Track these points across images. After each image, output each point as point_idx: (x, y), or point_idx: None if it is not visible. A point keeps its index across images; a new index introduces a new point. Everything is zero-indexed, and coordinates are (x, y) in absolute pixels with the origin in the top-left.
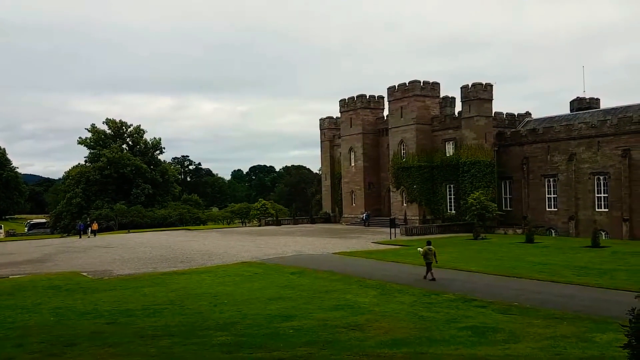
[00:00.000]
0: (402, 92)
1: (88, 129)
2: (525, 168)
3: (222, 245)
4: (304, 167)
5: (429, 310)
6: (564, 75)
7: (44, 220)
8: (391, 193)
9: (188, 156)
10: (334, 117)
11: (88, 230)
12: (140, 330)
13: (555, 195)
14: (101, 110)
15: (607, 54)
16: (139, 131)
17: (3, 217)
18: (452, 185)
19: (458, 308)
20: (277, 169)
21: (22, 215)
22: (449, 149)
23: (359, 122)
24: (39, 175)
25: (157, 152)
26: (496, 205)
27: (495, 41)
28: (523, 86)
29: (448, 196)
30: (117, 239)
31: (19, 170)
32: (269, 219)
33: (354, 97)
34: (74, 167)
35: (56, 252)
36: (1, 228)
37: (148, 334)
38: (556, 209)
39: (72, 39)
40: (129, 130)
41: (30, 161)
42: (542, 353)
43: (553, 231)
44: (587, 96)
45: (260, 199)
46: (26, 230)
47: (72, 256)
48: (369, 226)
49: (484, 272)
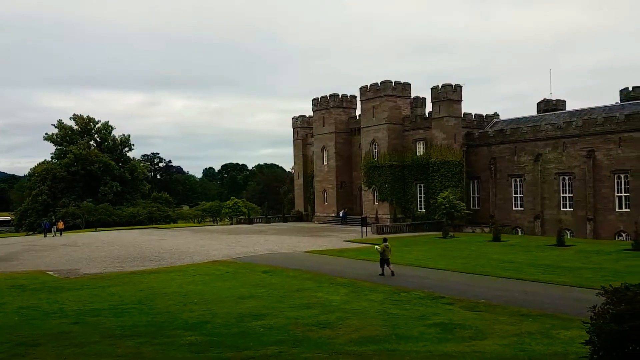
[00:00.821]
0: (374, 92)
1: (55, 125)
2: (493, 168)
3: (193, 244)
4: (277, 166)
5: (399, 307)
6: (532, 77)
7: (8, 218)
8: (363, 192)
9: (158, 153)
10: (307, 115)
11: (54, 228)
12: (107, 330)
13: (522, 195)
14: (70, 106)
15: (573, 57)
16: (107, 127)
17: None
18: (422, 185)
19: (427, 305)
20: (250, 168)
21: None
22: (420, 149)
23: (331, 122)
24: (3, 172)
25: (126, 149)
26: (465, 204)
27: (465, 43)
28: (492, 88)
29: (418, 195)
30: (84, 238)
31: None
32: (240, 217)
33: (326, 96)
34: (40, 164)
35: (21, 250)
36: None
37: (115, 334)
38: (522, 208)
39: (39, 34)
40: (97, 126)
41: None
42: (508, 349)
43: (519, 230)
44: (554, 98)
45: (232, 198)
46: None
47: (38, 255)
48: (346, 224)
49: (452, 270)
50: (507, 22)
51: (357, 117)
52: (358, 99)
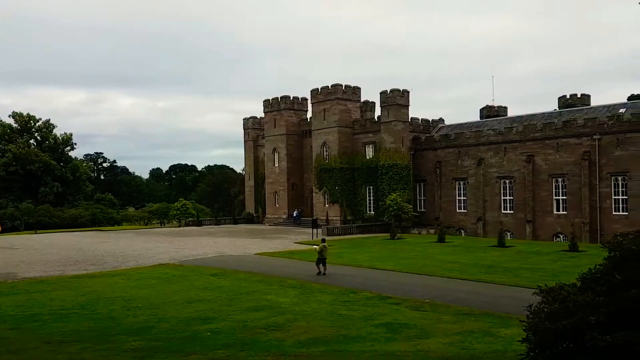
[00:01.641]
0: (324, 95)
1: None
2: (438, 171)
3: (138, 246)
4: (227, 167)
5: (347, 308)
6: (476, 84)
7: None
8: (314, 194)
9: (102, 153)
10: (258, 117)
11: None
12: (47, 336)
13: (465, 198)
14: (8, 103)
15: (514, 65)
16: (48, 126)
17: None
18: (371, 187)
19: (374, 306)
20: (199, 168)
21: None
22: (369, 152)
23: (282, 123)
24: None
25: (68, 148)
26: (412, 206)
27: (413, 49)
28: (438, 93)
29: (368, 197)
30: (22, 240)
31: None
32: (189, 219)
33: (277, 98)
34: None
35: None
36: None
37: (55, 339)
38: (466, 211)
39: None
40: (37, 124)
41: None
42: (451, 348)
43: (463, 231)
44: (496, 104)
45: (180, 199)
46: None
47: None
48: (300, 224)
49: (400, 270)
50: (452, 30)
51: (309, 120)
52: (309, 101)
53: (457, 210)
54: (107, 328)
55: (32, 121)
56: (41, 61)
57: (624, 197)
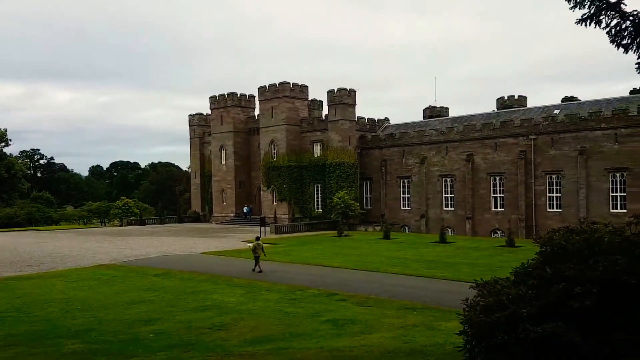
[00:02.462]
0: (272, 93)
1: None
2: (384, 170)
3: (77, 247)
4: (172, 164)
5: (294, 306)
6: (420, 84)
7: None
8: (262, 192)
9: (39, 150)
10: (204, 113)
11: None
12: None
13: (409, 195)
14: None
15: (455, 67)
16: None
17: None
18: (319, 185)
19: (321, 302)
20: (142, 166)
21: None
22: (317, 150)
23: (229, 120)
24: None
25: (3, 144)
26: (358, 204)
27: (360, 49)
28: (383, 93)
29: (316, 195)
30: None
31: None
32: (132, 218)
33: (224, 94)
34: None
35: None
36: None
37: None
38: (410, 208)
39: None
40: None
41: None
42: (394, 342)
43: (407, 228)
44: (438, 105)
45: (122, 197)
46: None
47: None
48: (250, 220)
49: (346, 267)
50: (396, 31)
51: (256, 117)
52: (257, 98)
53: (402, 208)
54: (44, 331)
55: None
56: None
57: (558, 194)
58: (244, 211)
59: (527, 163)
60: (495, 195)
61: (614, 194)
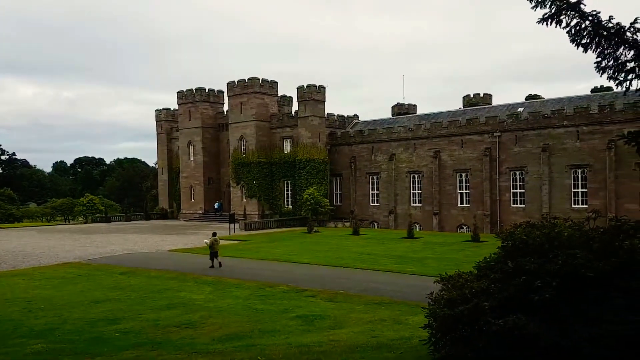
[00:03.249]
0: (241, 88)
1: None
2: (353, 166)
3: (40, 245)
4: (139, 160)
5: (264, 302)
6: (388, 82)
7: None
8: (231, 188)
9: (0, 145)
10: (172, 109)
11: None
12: None
13: (378, 192)
14: None
15: (423, 65)
16: None
17: None
18: (289, 182)
19: (290, 299)
20: (108, 162)
21: None
22: (287, 147)
23: (198, 116)
24: None
25: None
26: (328, 200)
27: (330, 46)
28: (353, 90)
29: (286, 192)
30: None
31: None
32: (97, 215)
33: (192, 89)
34: None
35: None
36: None
37: None
38: (378, 204)
39: None
40: None
41: None
42: (362, 336)
43: (376, 224)
44: (406, 102)
45: (87, 194)
46: None
47: None
48: (221, 215)
49: (316, 263)
50: (368, 29)
51: (225, 113)
52: (226, 94)
53: (371, 204)
54: (6, 331)
55: None
56: None
57: (522, 190)
58: (215, 207)
59: (492, 160)
60: (461, 191)
61: (575, 189)
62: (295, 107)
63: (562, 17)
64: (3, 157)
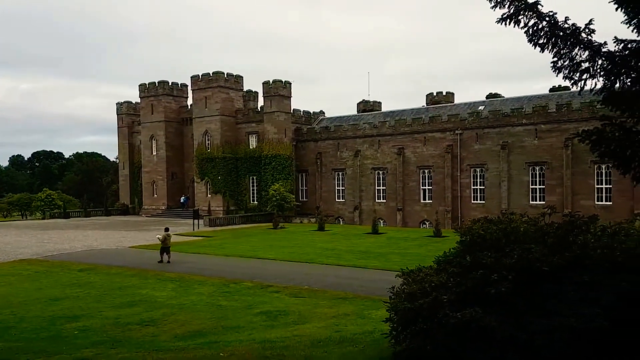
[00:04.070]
0: (206, 82)
1: None
2: (319, 162)
3: None
4: (99, 155)
5: (228, 299)
6: (354, 79)
7: None
8: (196, 184)
9: None
10: (134, 102)
11: None
12: None
13: (344, 188)
14: None
15: (388, 63)
16: None
17: None
18: (255, 177)
19: (255, 295)
20: (67, 156)
21: None
22: (252, 142)
23: (161, 109)
24: None
25: None
26: (294, 196)
27: (297, 42)
28: (319, 86)
29: (251, 188)
30: None
31: None
32: (55, 211)
33: (155, 82)
34: None
35: None
36: None
37: None
38: (344, 200)
39: None
40: None
41: None
42: (326, 331)
43: (341, 220)
44: (372, 99)
45: (45, 189)
46: None
47: None
48: (187, 210)
49: (281, 259)
50: (335, 26)
51: (189, 107)
52: (190, 88)
53: (337, 200)
54: None
55: None
56: None
57: (482, 187)
58: (181, 201)
59: (454, 157)
60: (424, 187)
61: (533, 186)
62: (261, 102)
63: (520, 17)
64: None
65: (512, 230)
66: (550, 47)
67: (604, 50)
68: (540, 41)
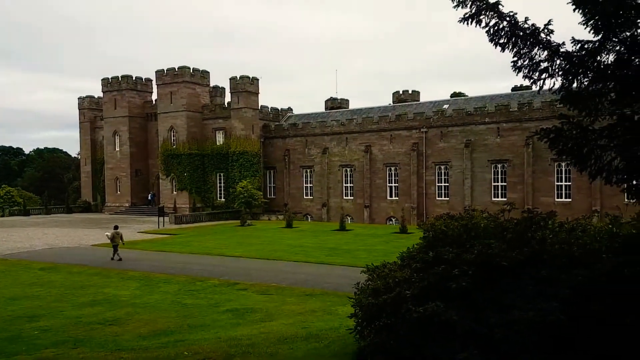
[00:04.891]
0: (171, 77)
1: None
2: (287, 159)
3: None
4: (60, 151)
5: (193, 297)
6: (322, 76)
7: None
8: (161, 181)
9: None
10: (96, 97)
11: None
12: None
13: (312, 185)
14: None
15: (355, 60)
16: None
17: None
18: (222, 174)
19: (222, 293)
20: (27, 152)
21: None
22: (220, 138)
23: (124, 104)
24: None
25: None
26: (262, 193)
27: (264, 39)
28: (287, 83)
29: (218, 184)
30: None
31: None
32: (14, 208)
33: (118, 77)
34: None
35: None
36: None
37: None
38: (312, 197)
39: None
40: None
41: None
42: (292, 328)
43: (309, 217)
44: (339, 97)
45: (4, 186)
46: None
47: None
48: (154, 206)
49: (248, 256)
50: (303, 22)
51: (154, 102)
52: (154, 82)
53: (305, 197)
54: None
55: None
56: None
57: (446, 184)
58: (149, 198)
59: (419, 154)
60: (390, 184)
61: (495, 183)
62: (228, 98)
63: (481, 17)
64: None
65: (473, 226)
66: (510, 47)
67: (562, 50)
68: (501, 41)
